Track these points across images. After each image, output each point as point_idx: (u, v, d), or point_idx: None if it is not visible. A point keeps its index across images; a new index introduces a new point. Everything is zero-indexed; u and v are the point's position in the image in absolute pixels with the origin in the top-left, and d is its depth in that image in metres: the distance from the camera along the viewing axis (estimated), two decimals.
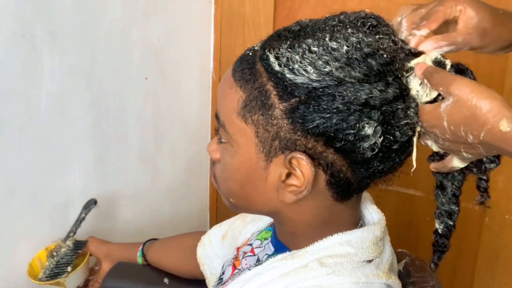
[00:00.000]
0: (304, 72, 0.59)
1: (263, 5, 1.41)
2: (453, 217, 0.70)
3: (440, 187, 0.70)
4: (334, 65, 0.58)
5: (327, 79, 0.58)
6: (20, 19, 1.01)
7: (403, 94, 0.61)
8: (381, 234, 0.68)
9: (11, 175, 1.06)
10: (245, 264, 0.76)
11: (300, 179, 0.61)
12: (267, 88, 0.61)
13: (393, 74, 0.60)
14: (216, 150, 0.69)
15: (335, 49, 0.59)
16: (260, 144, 0.62)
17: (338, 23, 0.62)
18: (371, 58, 0.59)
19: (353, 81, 0.58)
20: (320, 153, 0.61)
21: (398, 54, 0.61)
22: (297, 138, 0.60)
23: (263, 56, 0.62)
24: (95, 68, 1.18)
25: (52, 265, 1.11)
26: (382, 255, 0.68)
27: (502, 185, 1.26)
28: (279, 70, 0.60)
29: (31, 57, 1.04)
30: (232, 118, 0.63)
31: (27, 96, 1.06)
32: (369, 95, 0.58)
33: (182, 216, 1.53)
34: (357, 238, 0.66)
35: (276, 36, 0.63)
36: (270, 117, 0.61)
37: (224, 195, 0.70)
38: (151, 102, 1.36)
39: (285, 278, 0.64)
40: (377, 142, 0.60)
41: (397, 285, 0.68)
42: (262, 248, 0.76)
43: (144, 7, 1.27)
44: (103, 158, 1.26)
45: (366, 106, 0.59)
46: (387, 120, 0.60)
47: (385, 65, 0.59)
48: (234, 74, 0.64)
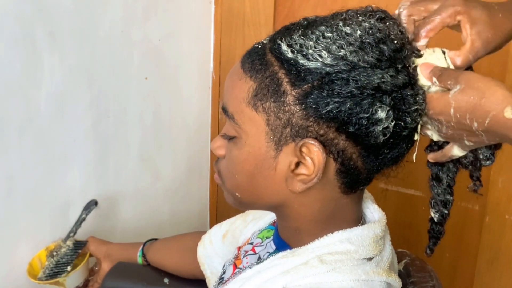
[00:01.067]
0: (318, 57, 0.60)
1: (263, 5, 1.41)
2: (448, 206, 0.71)
3: (435, 178, 0.71)
4: (349, 49, 0.59)
5: (340, 64, 0.59)
6: (20, 19, 1.01)
7: (411, 81, 0.62)
8: (381, 232, 0.69)
9: (11, 175, 1.06)
10: (246, 262, 0.76)
11: (309, 168, 0.62)
12: (279, 76, 0.61)
13: (402, 62, 0.62)
14: (221, 146, 0.69)
15: (349, 34, 0.60)
16: (270, 132, 0.62)
17: (347, 15, 0.63)
18: (383, 44, 0.60)
19: (366, 65, 0.60)
20: (332, 139, 0.61)
21: (406, 44, 0.63)
22: (309, 124, 0.61)
23: (273, 46, 0.63)
24: (95, 68, 1.18)
25: (52, 264, 1.11)
26: (383, 253, 0.69)
27: (502, 185, 1.26)
28: (292, 57, 0.60)
29: (31, 57, 1.04)
30: (242, 108, 0.63)
31: (27, 96, 1.06)
32: (381, 79, 0.59)
33: (182, 216, 1.53)
34: (357, 236, 0.66)
35: (285, 29, 0.64)
36: (283, 104, 0.61)
37: (230, 190, 0.70)
38: (151, 102, 1.36)
39: (285, 275, 0.65)
40: (389, 126, 0.60)
41: (397, 283, 0.69)
42: (263, 247, 0.76)
43: (144, 7, 1.27)
44: (103, 158, 1.26)
45: (378, 91, 0.60)
46: (398, 106, 0.61)
47: (395, 51, 0.61)
48: (243, 65, 0.64)
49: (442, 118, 0.61)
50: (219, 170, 0.71)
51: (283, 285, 0.64)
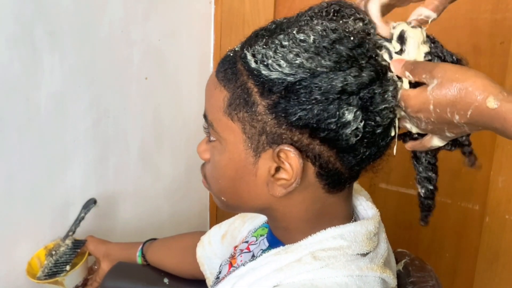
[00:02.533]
0: (277, 67, 0.60)
1: (263, 5, 1.41)
2: (432, 181, 0.71)
3: (414, 157, 0.71)
4: (304, 56, 0.59)
5: (299, 72, 0.59)
6: (20, 19, 1.01)
7: (379, 75, 0.61)
8: (374, 229, 0.69)
9: (11, 175, 1.06)
10: (240, 260, 0.76)
11: (289, 172, 0.62)
12: (249, 86, 0.62)
13: (366, 56, 0.61)
14: (206, 150, 0.70)
15: (303, 40, 0.60)
16: (247, 140, 0.63)
17: (306, 17, 0.63)
18: (339, 44, 0.60)
19: (325, 70, 0.59)
20: (307, 145, 0.61)
21: (367, 34, 0.62)
22: (282, 132, 0.61)
23: (242, 55, 0.63)
24: (95, 68, 1.19)
25: (50, 264, 1.11)
26: (377, 249, 0.69)
27: (502, 185, 1.26)
28: (255, 67, 0.61)
29: (31, 57, 1.04)
30: (219, 117, 0.65)
31: (27, 96, 1.06)
32: (344, 82, 0.59)
33: (182, 216, 1.53)
34: (350, 232, 0.66)
35: (254, 36, 0.65)
36: (254, 114, 0.62)
37: (216, 194, 0.71)
38: (151, 102, 1.36)
39: (279, 272, 0.65)
40: (358, 127, 0.60)
41: (392, 280, 0.68)
42: (257, 245, 0.77)
43: (144, 7, 1.28)
44: (103, 158, 1.26)
45: (343, 93, 0.59)
46: (366, 105, 0.60)
47: (354, 49, 0.60)
48: (217, 74, 0.66)
49: (421, 115, 0.60)
50: (205, 174, 0.72)
51: (277, 282, 0.64)
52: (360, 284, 0.64)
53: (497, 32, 1.20)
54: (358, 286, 0.63)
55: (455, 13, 1.22)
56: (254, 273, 0.67)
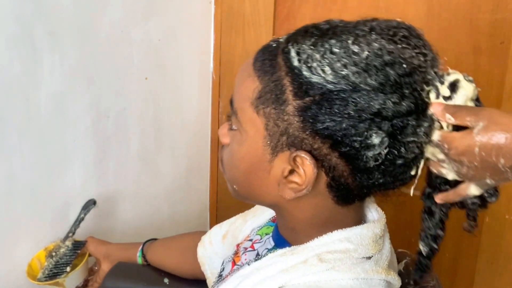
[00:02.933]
0: (321, 72, 0.58)
1: (263, 5, 1.41)
2: (438, 241, 0.70)
3: (428, 212, 0.69)
4: (352, 70, 0.58)
5: (342, 83, 0.58)
6: (20, 19, 1.01)
7: (418, 109, 0.60)
8: (381, 232, 0.69)
9: (11, 175, 1.06)
10: (245, 259, 0.76)
11: (302, 177, 0.62)
12: (284, 82, 0.60)
13: (411, 87, 0.59)
14: (226, 135, 0.69)
15: (356, 53, 0.58)
16: (268, 137, 0.62)
17: (366, 28, 0.61)
18: (389, 67, 0.58)
19: (368, 88, 0.58)
20: (325, 155, 0.61)
21: (422, 67, 0.60)
22: (305, 137, 0.60)
23: (285, 49, 0.62)
24: (95, 68, 1.18)
25: (51, 265, 1.11)
26: (382, 251, 0.69)
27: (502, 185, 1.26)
28: (297, 66, 0.60)
29: (31, 57, 1.04)
30: (245, 107, 0.63)
31: (27, 96, 1.06)
32: (382, 105, 0.58)
33: (182, 216, 1.53)
34: (356, 235, 0.66)
35: (303, 31, 0.63)
36: (282, 112, 0.61)
37: (229, 180, 0.70)
38: (151, 102, 1.36)
39: (285, 274, 0.65)
40: (381, 153, 0.59)
41: (397, 281, 0.69)
42: (262, 243, 0.76)
43: (144, 7, 1.27)
44: (103, 158, 1.26)
45: (377, 116, 0.58)
46: (395, 134, 0.59)
47: (403, 76, 0.58)
48: (254, 63, 0.64)
49: (464, 158, 0.58)
50: (222, 158, 0.71)
51: (282, 283, 0.64)
52: (365, 287, 0.64)
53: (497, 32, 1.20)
54: None
55: (455, 13, 1.22)
56: (259, 273, 0.67)
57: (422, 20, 1.26)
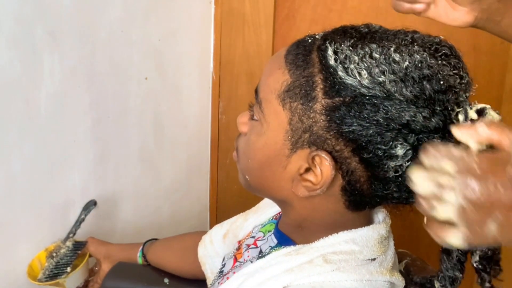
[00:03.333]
0: (357, 75, 0.58)
1: (263, 5, 1.41)
2: (455, 283, 0.68)
3: (445, 251, 0.67)
4: (389, 77, 0.57)
5: (377, 89, 0.58)
6: (20, 19, 1.01)
7: (446, 127, 0.59)
8: (386, 233, 0.69)
9: (11, 176, 1.06)
10: (247, 256, 0.76)
11: (318, 177, 0.61)
12: (316, 79, 0.60)
13: (443, 105, 0.59)
14: (246, 124, 0.69)
15: (396, 62, 0.58)
16: (290, 132, 0.62)
17: (408, 37, 0.61)
18: (427, 81, 0.58)
19: (401, 98, 0.57)
20: (345, 158, 0.60)
21: (457, 88, 0.60)
22: (328, 137, 0.60)
23: (322, 46, 0.61)
24: (95, 68, 1.18)
25: (51, 265, 1.11)
26: (387, 253, 0.69)
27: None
28: (333, 65, 0.59)
29: (31, 57, 1.04)
30: (271, 98, 0.63)
31: (27, 96, 1.06)
32: (412, 117, 0.57)
33: (182, 216, 1.53)
34: (362, 237, 0.66)
35: (341, 31, 0.63)
36: (309, 109, 0.60)
37: (242, 170, 0.70)
38: (151, 102, 1.36)
39: (289, 273, 0.64)
40: (403, 165, 0.59)
41: (401, 282, 0.68)
42: (265, 241, 0.76)
43: (144, 7, 1.27)
44: (103, 158, 1.26)
45: (405, 127, 0.58)
46: (419, 148, 0.58)
47: (438, 93, 0.58)
48: (287, 55, 0.63)
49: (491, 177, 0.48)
50: (238, 147, 0.70)
51: (286, 283, 0.64)
52: None
53: None
54: None
55: None
56: (264, 273, 0.67)
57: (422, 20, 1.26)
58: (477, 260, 0.64)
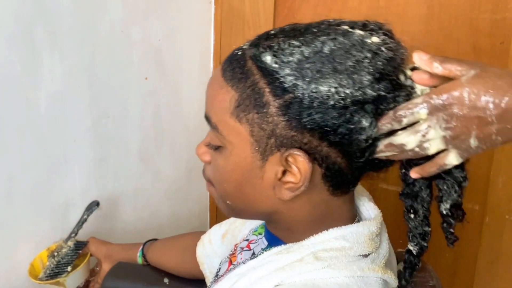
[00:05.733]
0: (297, 68, 0.59)
1: (263, 5, 1.41)
2: (426, 238, 0.70)
3: (410, 211, 0.70)
4: (328, 60, 0.58)
5: (317, 76, 0.58)
6: (20, 19, 1.01)
7: (394, 87, 0.60)
8: (377, 230, 0.68)
9: (11, 176, 1.06)
10: (241, 258, 0.76)
11: (296, 175, 0.61)
12: (260, 85, 0.60)
13: (385, 72, 0.60)
14: (206, 152, 0.69)
15: (324, 44, 0.59)
16: (255, 143, 0.62)
17: (334, 23, 0.62)
18: (356, 51, 0.59)
19: (346, 77, 0.58)
20: (315, 147, 0.61)
21: (396, 52, 0.61)
22: (293, 134, 0.60)
23: (255, 53, 0.62)
24: (95, 68, 1.18)
25: (52, 265, 1.11)
26: (379, 250, 0.69)
27: (502, 185, 1.26)
28: (272, 66, 0.60)
29: (31, 57, 1.04)
30: (225, 119, 0.63)
31: (27, 96, 1.06)
32: (362, 90, 0.58)
33: (182, 216, 1.53)
34: (352, 233, 0.66)
35: (265, 35, 0.64)
36: (266, 115, 0.60)
37: (221, 197, 0.69)
38: (151, 102, 1.36)
39: (280, 272, 0.64)
40: (372, 134, 0.60)
41: (393, 281, 0.68)
42: (257, 243, 0.76)
43: (144, 7, 1.27)
44: (103, 158, 1.26)
45: (359, 101, 0.59)
46: (379, 112, 0.60)
47: (377, 62, 0.59)
48: (224, 74, 0.63)
49: (454, 102, 0.57)
50: (209, 178, 0.70)
51: (278, 282, 0.64)
52: (361, 285, 0.63)
53: (497, 32, 1.20)
54: (359, 287, 0.63)
55: (455, 13, 1.22)
56: (255, 272, 0.67)
57: (422, 20, 1.26)
58: (447, 208, 0.66)
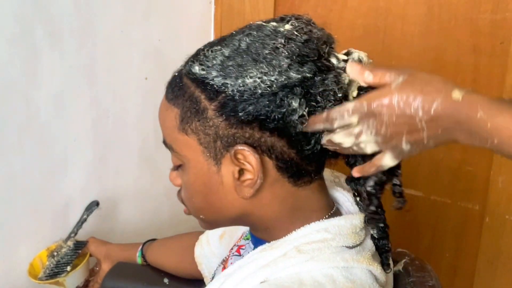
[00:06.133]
0: (219, 69, 0.62)
1: (263, 5, 1.41)
2: (377, 217, 0.70)
3: (355, 194, 0.71)
4: (251, 56, 0.62)
5: (240, 70, 0.62)
6: (20, 19, 1.01)
7: (321, 69, 0.63)
8: (360, 224, 0.69)
9: (11, 176, 1.06)
10: (231, 263, 0.77)
11: (250, 171, 0.63)
12: (196, 94, 0.64)
13: (307, 55, 0.62)
14: (176, 177, 0.72)
15: (243, 40, 0.63)
16: (205, 150, 0.65)
17: (252, 24, 0.66)
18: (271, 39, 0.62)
19: (269, 67, 0.61)
20: (259, 139, 0.63)
21: (312, 35, 0.64)
22: (234, 131, 0.63)
23: (187, 69, 0.66)
24: (95, 68, 1.18)
25: (52, 264, 1.11)
26: (364, 244, 0.69)
27: (502, 185, 1.26)
28: (202, 74, 0.63)
29: (31, 57, 1.04)
30: (175, 136, 0.66)
31: (27, 96, 1.06)
32: (287, 75, 0.61)
33: (182, 216, 1.52)
34: (334, 226, 0.67)
35: (196, 51, 0.68)
36: (206, 120, 0.63)
37: (194, 214, 0.72)
38: (151, 102, 1.36)
39: (265, 269, 0.65)
40: (304, 113, 0.62)
41: (380, 274, 0.68)
42: (245, 249, 0.78)
43: (144, 7, 1.27)
44: (103, 158, 1.26)
45: (286, 86, 0.61)
46: (308, 92, 0.62)
47: (298, 46, 0.62)
48: (167, 96, 0.69)
49: (384, 110, 0.59)
50: (182, 199, 0.73)
51: (263, 278, 0.65)
52: (347, 275, 0.64)
53: (497, 32, 1.20)
54: (345, 277, 0.63)
55: (455, 13, 1.22)
56: (242, 271, 0.67)
57: (422, 20, 1.26)
58: (372, 185, 0.68)
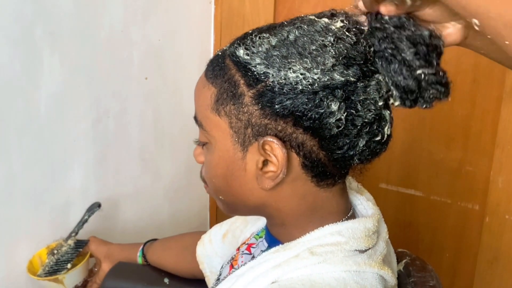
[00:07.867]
0: (264, 58, 0.62)
1: (263, 5, 1.41)
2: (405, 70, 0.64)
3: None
4: (297, 50, 0.61)
5: (289, 64, 0.61)
6: (20, 19, 1.01)
7: (365, 74, 0.62)
8: (373, 227, 0.69)
9: (11, 175, 1.06)
10: (241, 261, 0.77)
11: (275, 164, 0.63)
12: (236, 78, 0.63)
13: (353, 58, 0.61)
14: (200, 154, 0.72)
15: (292, 32, 0.62)
16: (234, 134, 0.64)
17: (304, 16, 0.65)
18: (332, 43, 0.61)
19: (314, 65, 0.60)
20: (290, 134, 0.62)
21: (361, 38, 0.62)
22: (267, 122, 0.62)
23: (231, 50, 0.65)
24: (95, 68, 1.19)
25: (52, 262, 1.11)
26: (375, 248, 0.69)
27: (502, 185, 1.26)
28: (245, 58, 0.63)
29: (31, 57, 1.04)
30: (207, 114, 0.66)
31: (27, 96, 1.06)
32: (330, 76, 0.60)
33: (182, 216, 1.54)
34: (348, 229, 0.67)
35: (243, 35, 0.67)
36: (241, 105, 0.63)
37: (214, 194, 0.72)
38: (151, 102, 1.36)
39: (277, 269, 0.65)
40: (341, 118, 0.61)
41: (391, 278, 0.68)
42: (256, 247, 0.77)
43: (144, 7, 1.28)
44: (103, 158, 1.26)
45: (328, 87, 0.61)
46: (348, 96, 0.61)
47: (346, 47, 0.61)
48: (206, 73, 0.68)
49: None
50: (203, 177, 0.72)
51: (274, 279, 0.64)
52: (358, 279, 0.64)
53: None
54: (356, 282, 0.63)
55: None
56: (253, 271, 0.67)
57: None
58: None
